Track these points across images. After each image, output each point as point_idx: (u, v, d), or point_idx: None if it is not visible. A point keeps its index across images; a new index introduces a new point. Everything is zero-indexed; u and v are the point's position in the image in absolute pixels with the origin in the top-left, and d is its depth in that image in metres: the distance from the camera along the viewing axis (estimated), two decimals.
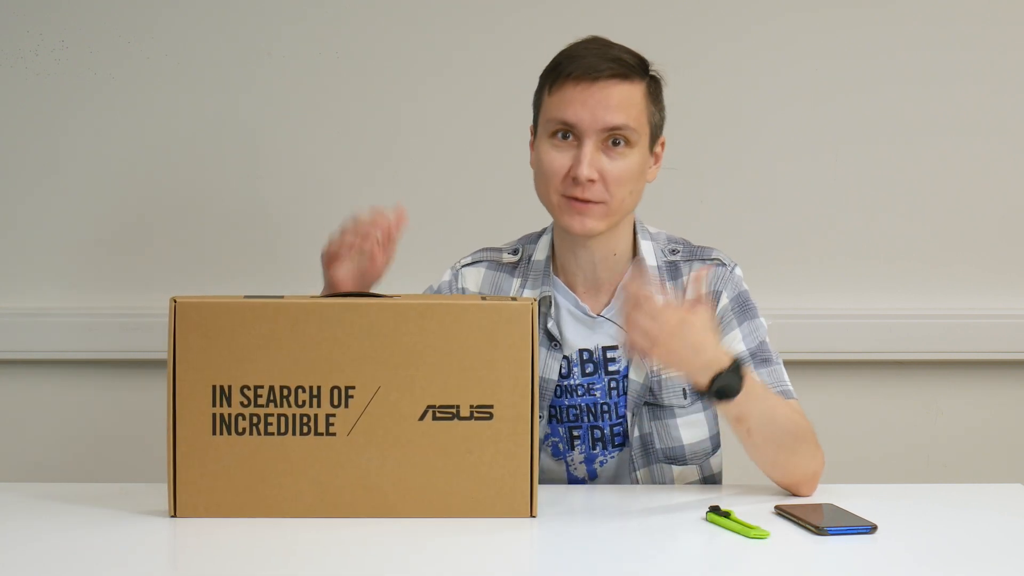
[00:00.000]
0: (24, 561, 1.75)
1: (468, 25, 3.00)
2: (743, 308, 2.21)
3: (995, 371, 3.05)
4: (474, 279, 2.26)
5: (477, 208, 3.01)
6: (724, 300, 2.20)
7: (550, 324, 2.19)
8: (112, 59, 3.00)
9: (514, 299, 1.91)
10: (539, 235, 2.28)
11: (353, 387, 1.89)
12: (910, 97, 3.01)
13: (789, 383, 2.18)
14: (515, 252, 2.27)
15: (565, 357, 2.19)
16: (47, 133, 3.01)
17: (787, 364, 2.23)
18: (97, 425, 3.04)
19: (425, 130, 3.02)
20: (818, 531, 1.83)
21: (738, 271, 2.23)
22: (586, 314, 2.20)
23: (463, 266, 2.28)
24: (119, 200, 3.02)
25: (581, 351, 2.20)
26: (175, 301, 1.89)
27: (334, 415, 1.89)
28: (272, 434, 1.89)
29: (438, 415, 1.88)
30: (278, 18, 3.00)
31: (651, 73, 2.17)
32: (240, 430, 1.89)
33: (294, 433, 1.89)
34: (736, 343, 2.18)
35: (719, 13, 3.00)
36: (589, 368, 2.19)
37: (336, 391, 1.88)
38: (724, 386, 1.93)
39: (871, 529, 1.84)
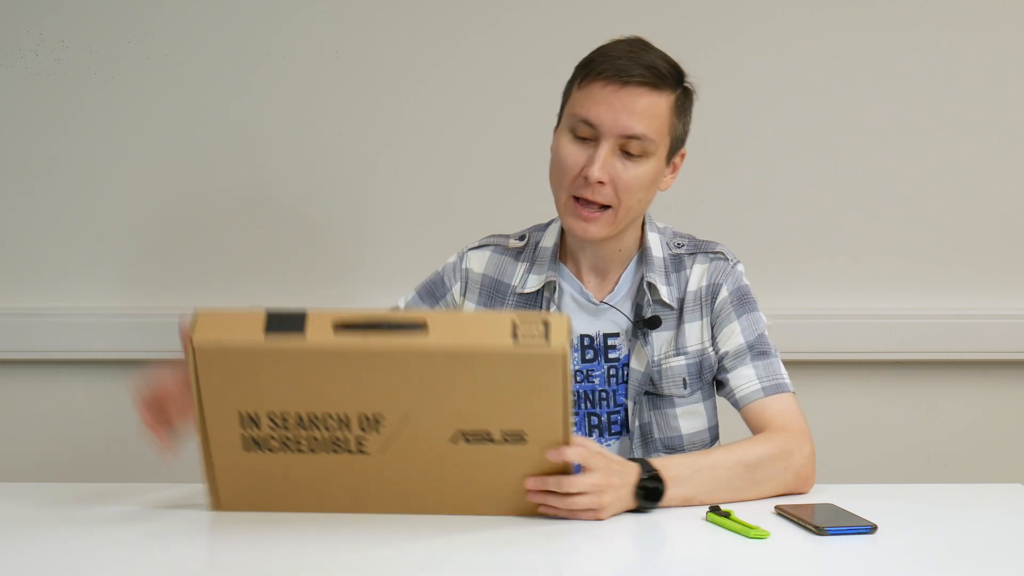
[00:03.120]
0: (25, 562, 1.75)
1: (467, 24, 3.00)
2: (742, 301, 2.22)
3: (995, 371, 3.05)
4: (479, 261, 2.27)
5: (477, 207, 3.01)
6: (723, 293, 2.22)
7: (553, 309, 2.20)
8: (112, 59, 3.00)
9: (546, 327, 1.76)
10: (548, 224, 2.30)
11: (382, 415, 1.82)
12: (910, 97, 3.01)
13: (785, 376, 2.19)
14: (522, 238, 2.29)
15: None
16: (47, 133, 3.01)
17: (787, 364, 2.23)
18: (98, 425, 3.04)
19: (425, 129, 3.02)
20: (818, 531, 1.83)
21: (740, 267, 2.25)
22: (589, 301, 2.21)
23: (469, 250, 2.30)
24: (118, 200, 3.02)
25: (582, 337, 2.21)
26: (192, 343, 1.79)
27: (365, 438, 1.84)
28: (303, 452, 1.85)
29: (469, 439, 1.83)
30: (278, 18, 3.00)
31: (684, 84, 2.17)
32: (271, 448, 1.85)
33: (326, 452, 1.85)
34: (734, 336, 2.20)
35: (719, 12, 3.00)
36: (589, 354, 2.20)
37: (365, 418, 1.82)
38: (650, 491, 1.93)
39: (871, 529, 1.84)
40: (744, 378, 2.18)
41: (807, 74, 3.01)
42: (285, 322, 1.77)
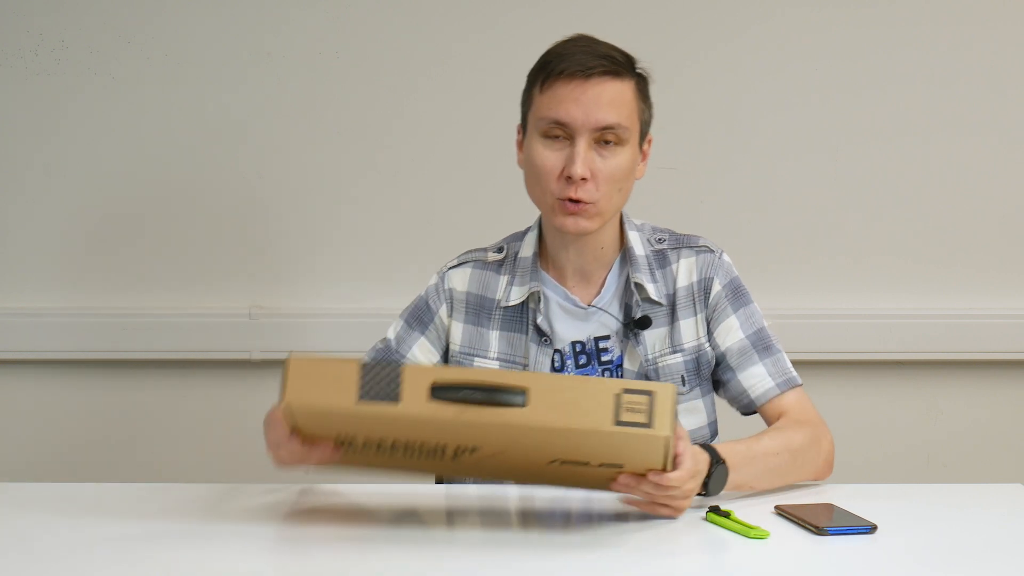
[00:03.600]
0: (24, 562, 1.75)
1: (467, 24, 3.00)
2: (736, 294, 2.21)
3: (995, 371, 3.05)
4: (461, 279, 2.25)
5: (478, 206, 3.00)
6: (716, 287, 2.20)
7: (540, 319, 2.19)
8: (112, 59, 3.00)
9: (651, 400, 1.75)
10: (523, 234, 2.27)
11: (479, 447, 1.81)
12: (910, 97, 3.01)
13: (792, 370, 2.20)
14: (500, 250, 2.27)
15: (557, 351, 2.19)
16: (47, 133, 3.01)
17: None
18: (96, 425, 3.04)
19: (425, 128, 3.02)
20: (818, 531, 1.83)
21: (726, 257, 2.23)
22: (577, 305, 2.20)
23: (448, 269, 2.27)
24: (119, 200, 3.02)
25: (574, 343, 2.19)
26: (285, 402, 1.76)
27: (461, 457, 1.84)
28: (398, 456, 1.85)
29: (566, 463, 1.83)
30: (278, 18, 3.00)
31: (638, 71, 2.17)
32: (367, 451, 1.86)
33: (422, 458, 1.85)
34: (733, 331, 2.19)
35: (718, 12, 3.00)
36: (583, 360, 2.19)
37: (461, 447, 1.82)
38: (714, 483, 1.95)
39: (871, 529, 1.84)
40: (756, 377, 2.18)
41: (807, 74, 3.01)
42: (379, 385, 1.75)
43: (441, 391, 1.74)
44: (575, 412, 1.74)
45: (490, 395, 1.73)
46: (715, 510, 1.89)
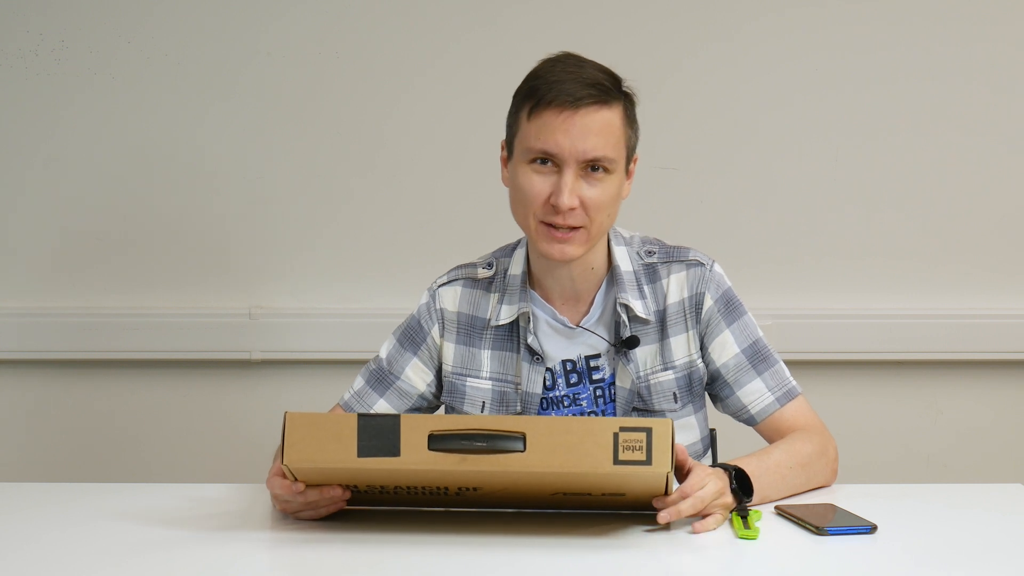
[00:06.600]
0: (24, 562, 1.75)
1: (466, 23, 3.00)
2: (729, 307, 2.18)
3: (995, 371, 3.05)
4: (451, 299, 2.22)
5: (478, 205, 3.00)
6: (708, 302, 2.17)
7: (530, 339, 2.17)
8: (112, 59, 3.00)
9: (648, 438, 1.77)
10: (513, 248, 2.25)
11: (481, 487, 1.84)
12: (911, 96, 3.01)
13: (791, 379, 2.18)
14: (489, 266, 2.24)
15: (548, 370, 2.18)
16: (47, 133, 3.01)
17: (787, 364, 2.21)
18: (96, 425, 3.04)
19: (425, 128, 3.02)
20: (818, 531, 1.83)
21: (717, 267, 2.20)
22: (565, 326, 2.18)
23: (439, 286, 2.25)
24: (119, 199, 3.02)
25: (564, 362, 2.18)
26: (284, 463, 1.80)
27: (465, 494, 1.86)
28: (401, 496, 1.88)
29: (568, 495, 1.86)
30: (277, 18, 3.00)
31: (624, 90, 2.13)
32: (370, 494, 1.88)
33: (425, 496, 1.88)
34: (728, 347, 2.17)
35: (717, 9, 3.00)
36: (573, 378, 2.18)
37: (463, 488, 1.85)
38: (741, 485, 1.96)
39: (871, 529, 1.84)
40: (755, 393, 2.16)
41: (807, 73, 3.01)
42: (378, 439, 1.78)
43: (440, 440, 1.77)
44: (574, 455, 1.77)
45: (489, 443, 1.77)
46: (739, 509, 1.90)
